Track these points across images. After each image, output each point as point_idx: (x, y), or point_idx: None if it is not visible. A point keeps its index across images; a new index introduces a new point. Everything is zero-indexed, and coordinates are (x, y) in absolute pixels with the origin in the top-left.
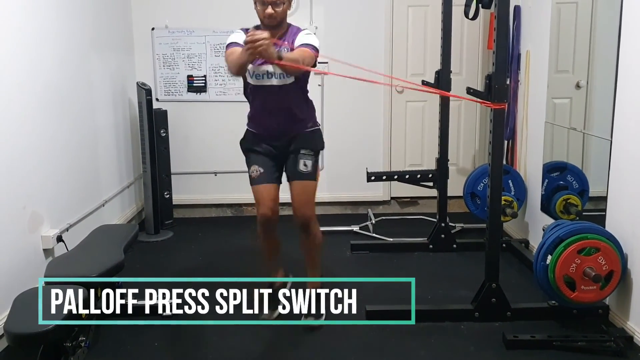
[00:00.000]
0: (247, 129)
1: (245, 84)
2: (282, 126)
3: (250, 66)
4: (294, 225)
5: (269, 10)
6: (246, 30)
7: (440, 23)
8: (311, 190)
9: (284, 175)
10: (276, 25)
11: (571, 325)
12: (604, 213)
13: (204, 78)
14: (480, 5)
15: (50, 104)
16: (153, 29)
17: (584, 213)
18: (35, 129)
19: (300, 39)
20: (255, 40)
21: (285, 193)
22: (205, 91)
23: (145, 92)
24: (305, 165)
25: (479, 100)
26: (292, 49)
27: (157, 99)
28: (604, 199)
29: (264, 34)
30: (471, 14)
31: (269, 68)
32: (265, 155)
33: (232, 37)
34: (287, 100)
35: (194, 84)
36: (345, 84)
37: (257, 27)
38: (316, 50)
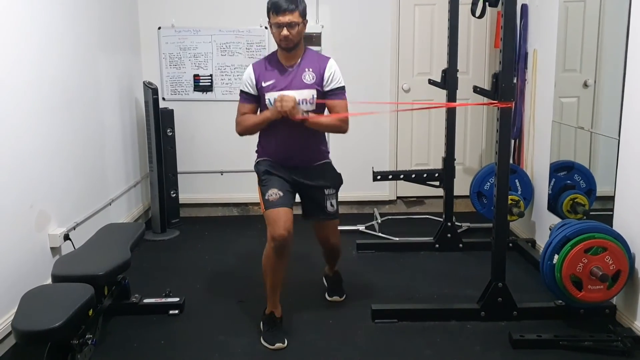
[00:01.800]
0: (260, 158)
1: (264, 111)
2: (301, 157)
3: (271, 95)
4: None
5: (285, 32)
6: (257, 66)
7: (446, 22)
8: (337, 225)
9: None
10: (292, 47)
11: (578, 325)
12: (611, 212)
13: (210, 77)
14: (487, 3)
15: (58, 104)
16: (159, 28)
17: (591, 212)
18: (42, 128)
19: (331, 81)
20: (283, 101)
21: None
22: (211, 90)
23: (151, 91)
24: (332, 205)
25: (485, 103)
26: (320, 78)
27: (163, 98)
28: (611, 198)
29: (291, 97)
30: (478, 13)
31: (290, 94)
32: (282, 179)
33: (244, 82)
34: (307, 131)
35: (200, 83)
36: (351, 83)
37: (273, 53)
38: (345, 94)
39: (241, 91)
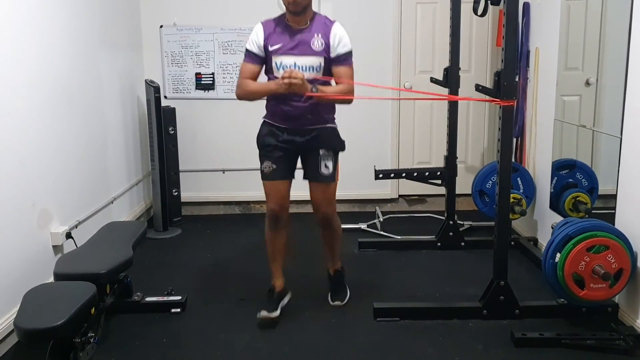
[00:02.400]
0: (264, 121)
1: (270, 77)
2: (304, 119)
3: (279, 59)
4: (315, 221)
5: None
6: (266, 25)
7: (448, 20)
8: (332, 191)
9: (298, 170)
10: (300, 11)
11: (580, 323)
12: (613, 211)
13: (212, 75)
14: (489, 2)
15: (60, 102)
16: (161, 26)
17: (593, 211)
18: (44, 127)
19: (338, 46)
20: (292, 77)
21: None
22: (213, 89)
23: (153, 89)
24: (326, 167)
25: (487, 99)
26: (327, 45)
27: (165, 97)
28: (613, 196)
29: (299, 74)
30: (480, 11)
31: (297, 61)
32: (279, 151)
33: (251, 40)
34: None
35: (202, 82)
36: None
37: (281, 16)
38: (351, 57)
39: (247, 50)
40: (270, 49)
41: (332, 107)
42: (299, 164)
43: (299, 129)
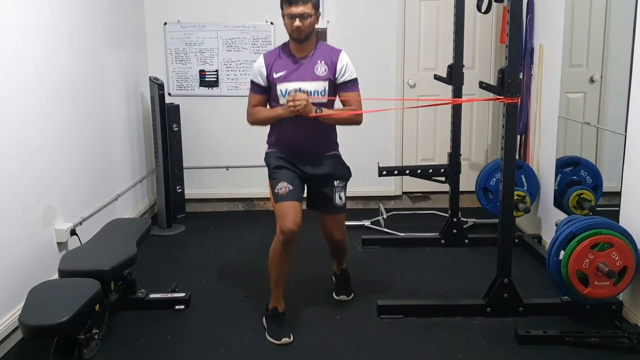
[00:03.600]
0: (270, 149)
1: (273, 106)
2: (312, 147)
3: (283, 86)
4: (326, 244)
5: (297, 23)
6: (268, 57)
7: (452, 17)
8: (344, 219)
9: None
10: (304, 39)
11: (584, 321)
12: (617, 208)
13: (215, 73)
14: None
15: (64, 99)
16: (165, 23)
17: (597, 208)
18: (49, 124)
19: (344, 73)
20: (296, 100)
21: None
22: (217, 86)
23: (157, 86)
24: (340, 198)
25: (492, 98)
26: (332, 71)
27: (169, 94)
28: (617, 194)
29: (303, 95)
30: (484, 8)
31: (301, 86)
32: (292, 173)
33: (253, 73)
34: (318, 122)
35: (206, 79)
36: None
37: (284, 45)
38: (358, 85)
39: (252, 82)
40: (274, 76)
41: (335, 134)
42: None
43: (304, 158)
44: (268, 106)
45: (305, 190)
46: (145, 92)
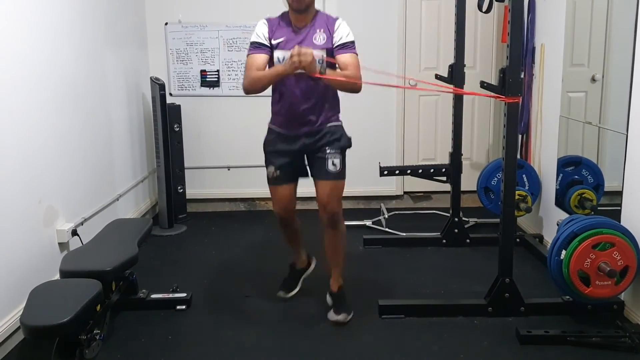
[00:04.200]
0: (269, 128)
1: (277, 65)
2: (311, 117)
3: (280, 53)
4: (320, 221)
5: None
6: (270, 21)
7: (453, 16)
8: (340, 189)
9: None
10: (304, 9)
11: (585, 320)
12: (619, 208)
13: (217, 73)
14: None
15: (65, 99)
16: (166, 23)
17: (599, 208)
18: (50, 124)
19: (341, 36)
20: (301, 54)
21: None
22: (218, 86)
23: (158, 87)
24: (333, 164)
25: (493, 95)
26: (330, 38)
27: (170, 94)
28: (619, 193)
29: (309, 50)
30: (485, 7)
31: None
32: (284, 156)
33: (256, 34)
34: (318, 89)
35: (207, 79)
36: None
37: (283, 14)
38: (355, 47)
39: (252, 42)
40: (274, 42)
41: (337, 103)
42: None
43: (304, 132)
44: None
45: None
46: (147, 92)
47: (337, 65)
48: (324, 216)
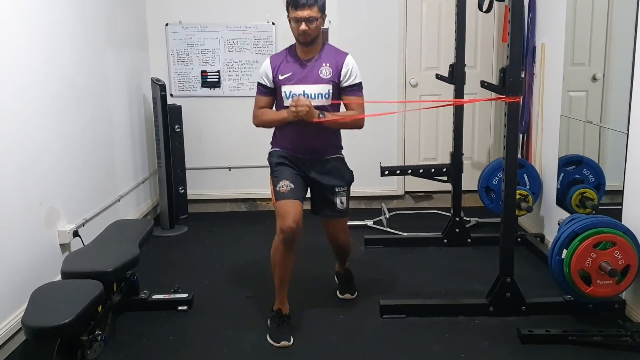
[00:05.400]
0: (274, 149)
1: (278, 108)
2: (315, 151)
3: (287, 88)
4: (327, 244)
5: (303, 27)
6: (274, 59)
7: (454, 16)
8: (346, 222)
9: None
10: (310, 42)
11: (587, 320)
12: (620, 207)
13: (217, 73)
14: None
15: (66, 100)
16: (167, 24)
17: (600, 207)
18: (51, 125)
19: (349, 77)
20: (299, 105)
21: None
22: (219, 86)
23: (159, 87)
24: (342, 202)
25: (493, 98)
26: (336, 73)
27: (171, 95)
28: (620, 192)
29: (306, 101)
30: (485, 7)
31: (305, 89)
32: (294, 172)
33: (260, 75)
34: (322, 125)
35: (208, 79)
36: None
37: (290, 47)
38: (362, 89)
39: (258, 83)
40: (280, 78)
41: (339, 139)
42: None
43: (309, 160)
44: (274, 108)
45: (308, 193)
46: (147, 93)
47: (342, 104)
48: (334, 246)
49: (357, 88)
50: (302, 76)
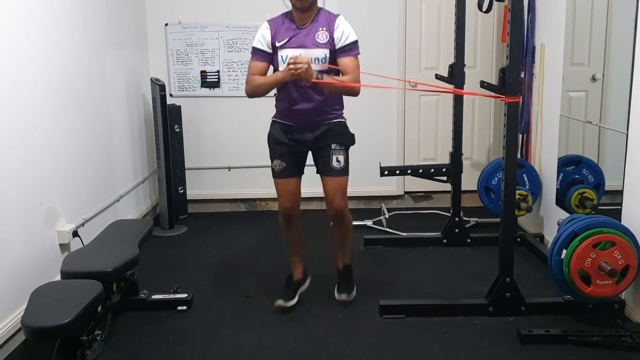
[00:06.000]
0: (273, 121)
1: (276, 72)
2: (314, 115)
3: (285, 52)
4: (327, 216)
5: None
6: (272, 23)
7: (453, 16)
8: (344, 185)
9: (309, 167)
10: (307, 7)
11: (586, 320)
12: (619, 207)
13: (217, 73)
14: None
15: (66, 100)
16: (166, 24)
17: (599, 207)
18: (51, 125)
19: (341, 37)
20: (297, 63)
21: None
22: (218, 86)
23: (159, 87)
24: (338, 161)
25: (493, 95)
26: (331, 38)
27: (170, 95)
28: (619, 192)
29: (305, 58)
30: (485, 7)
31: (302, 53)
32: (289, 149)
33: (257, 38)
34: (316, 93)
35: (208, 80)
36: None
37: (286, 13)
38: (357, 47)
39: (253, 48)
40: (277, 44)
41: (340, 100)
42: (309, 160)
43: (308, 126)
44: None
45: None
46: (147, 93)
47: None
48: (331, 212)
49: (352, 46)
50: (298, 40)
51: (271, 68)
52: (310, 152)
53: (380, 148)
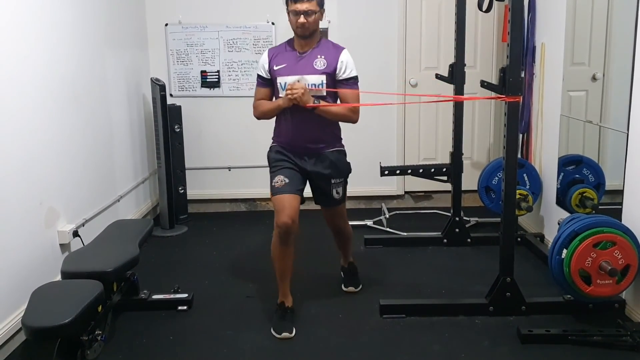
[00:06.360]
0: (273, 144)
1: (278, 98)
2: (312, 142)
3: (282, 80)
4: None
5: (301, 19)
6: (272, 51)
7: (454, 16)
8: (343, 209)
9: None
10: (308, 35)
11: (587, 319)
12: (620, 207)
13: (217, 73)
14: None
15: (66, 101)
16: (166, 24)
17: (600, 207)
18: (51, 126)
19: (345, 71)
20: (294, 89)
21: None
22: (218, 86)
23: (159, 87)
24: (337, 193)
25: (493, 97)
26: (332, 66)
27: (171, 95)
28: (620, 192)
29: (300, 84)
30: (485, 7)
31: (300, 79)
32: (291, 166)
33: (259, 65)
34: (314, 120)
35: (208, 80)
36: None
37: (289, 40)
38: (357, 83)
39: (257, 75)
40: (275, 68)
41: (337, 129)
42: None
43: (305, 153)
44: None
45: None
46: (147, 93)
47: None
48: (331, 228)
49: (352, 82)
50: (296, 67)
51: None
52: (308, 181)
53: (380, 148)
